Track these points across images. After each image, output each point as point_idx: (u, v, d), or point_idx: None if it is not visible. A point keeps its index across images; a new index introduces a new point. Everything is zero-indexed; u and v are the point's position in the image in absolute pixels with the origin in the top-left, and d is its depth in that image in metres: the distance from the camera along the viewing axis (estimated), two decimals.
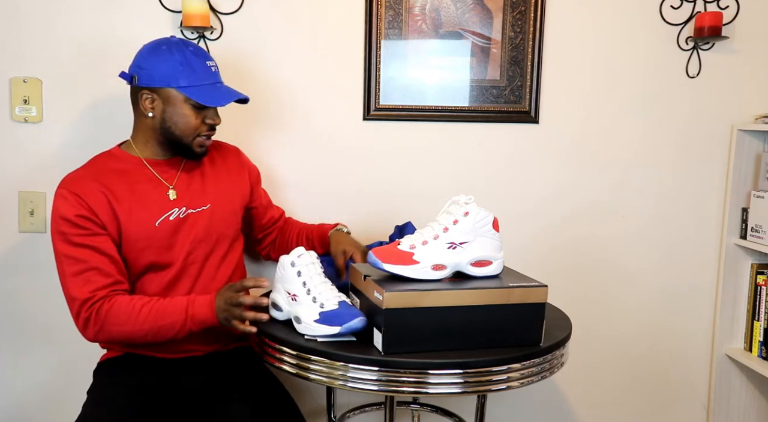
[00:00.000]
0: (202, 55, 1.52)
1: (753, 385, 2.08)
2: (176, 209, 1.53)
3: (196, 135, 1.51)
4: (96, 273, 1.41)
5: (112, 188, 1.47)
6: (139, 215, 1.48)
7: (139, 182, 1.51)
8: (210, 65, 1.52)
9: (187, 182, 1.57)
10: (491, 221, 1.37)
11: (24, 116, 1.86)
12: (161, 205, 1.51)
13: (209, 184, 1.60)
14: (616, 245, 2.03)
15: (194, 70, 1.48)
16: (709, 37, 1.89)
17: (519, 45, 1.92)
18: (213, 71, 1.52)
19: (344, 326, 1.28)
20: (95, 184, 1.46)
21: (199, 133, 1.51)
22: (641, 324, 2.07)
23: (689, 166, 2.02)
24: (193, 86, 1.47)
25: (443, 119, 1.94)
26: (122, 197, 1.47)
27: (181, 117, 1.48)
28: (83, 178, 1.47)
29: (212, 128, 1.53)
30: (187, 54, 1.48)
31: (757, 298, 1.99)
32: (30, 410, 1.97)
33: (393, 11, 1.89)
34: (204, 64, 1.50)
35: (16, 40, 1.84)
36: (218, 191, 1.60)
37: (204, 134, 1.52)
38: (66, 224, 1.41)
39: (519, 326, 1.32)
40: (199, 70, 1.49)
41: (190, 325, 1.41)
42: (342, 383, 1.26)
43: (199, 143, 1.52)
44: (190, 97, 1.47)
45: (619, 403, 2.11)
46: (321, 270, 1.43)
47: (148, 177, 1.53)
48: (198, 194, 1.57)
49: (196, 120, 1.50)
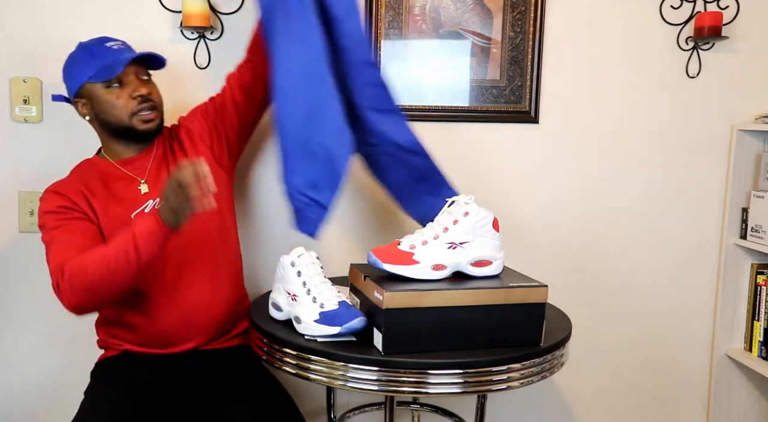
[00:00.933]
0: (101, 41, 1.53)
1: (753, 385, 2.08)
2: (151, 201, 1.53)
3: (132, 114, 1.51)
4: (69, 246, 1.40)
5: (90, 186, 1.52)
6: (114, 210, 1.50)
7: (113, 181, 1.54)
8: (110, 46, 1.51)
9: (157, 173, 1.57)
10: (491, 221, 1.37)
11: (24, 116, 1.86)
12: (134, 199, 1.53)
13: (173, 166, 1.58)
14: (615, 244, 2.03)
15: (93, 56, 1.50)
16: (709, 37, 1.89)
17: (519, 45, 1.92)
18: (115, 49, 1.51)
19: (344, 326, 1.28)
20: (75, 184, 1.52)
21: (133, 111, 1.51)
22: (641, 324, 2.07)
23: (689, 166, 2.01)
24: (99, 72, 1.48)
25: (443, 119, 1.94)
26: (99, 194, 1.51)
27: (107, 104, 1.50)
28: (64, 181, 1.55)
29: (145, 99, 1.51)
30: (86, 48, 1.52)
31: (757, 298, 1.99)
32: (29, 409, 1.98)
33: (393, 11, 1.89)
34: (102, 47, 1.51)
35: (16, 40, 1.84)
36: None
37: (138, 110, 1.51)
38: (48, 215, 1.46)
39: (519, 326, 1.32)
40: (98, 54, 1.49)
41: (139, 241, 1.31)
42: (342, 383, 1.26)
43: (139, 119, 1.51)
44: (95, 81, 1.48)
45: (619, 403, 2.11)
46: (321, 270, 1.43)
47: (120, 176, 1.55)
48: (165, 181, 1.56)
49: (120, 99, 1.49)
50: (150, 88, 1.54)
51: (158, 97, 1.57)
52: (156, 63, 1.57)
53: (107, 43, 1.52)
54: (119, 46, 1.53)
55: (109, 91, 1.49)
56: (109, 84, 1.49)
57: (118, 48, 1.51)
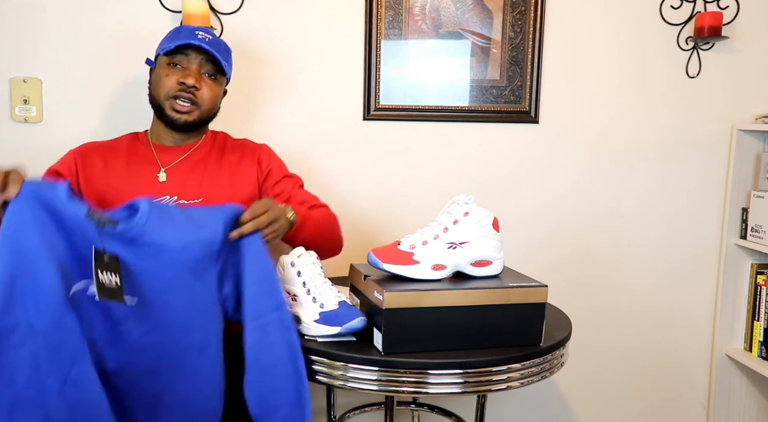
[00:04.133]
0: (198, 28, 1.54)
1: (753, 385, 2.08)
2: (167, 197, 1.53)
3: (170, 96, 1.51)
4: None
5: (109, 161, 1.54)
6: (126, 187, 1.51)
7: (138, 162, 1.56)
8: (198, 33, 1.51)
9: (185, 170, 1.57)
10: (491, 221, 1.37)
11: (24, 116, 1.86)
12: (150, 185, 1.53)
13: (208, 179, 1.58)
14: (615, 244, 2.03)
15: (179, 33, 1.52)
16: (709, 37, 1.89)
17: (519, 45, 1.92)
18: (198, 37, 1.50)
19: (344, 326, 1.28)
20: (98, 155, 1.55)
21: (172, 94, 1.51)
22: (641, 324, 2.07)
23: (689, 166, 2.02)
24: (170, 45, 1.50)
25: (443, 119, 1.94)
26: (114, 169, 1.53)
27: (158, 77, 1.53)
28: (93, 147, 1.59)
29: (187, 89, 1.50)
30: (181, 28, 1.55)
31: (757, 298, 1.99)
32: None
33: (393, 11, 1.89)
34: (192, 33, 1.51)
35: (16, 40, 1.84)
36: (213, 188, 1.57)
37: (176, 95, 1.51)
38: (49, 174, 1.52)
39: (519, 326, 1.32)
40: (183, 34, 1.51)
41: None
42: (342, 383, 1.26)
43: (172, 104, 1.51)
44: (161, 53, 1.51)
45: (619, 403, 2.11)
46: (321, 270, 1.43)
47: (147, 158, 1.57)
48: (193, 185, 1.55)
49: (169, 79, 1.50)
50: (203, 85, 1.53)
51: (207, 98, 1.54)
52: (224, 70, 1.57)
53: (197, 31, 1.53)
54: (205, 36, 1.52)
55: (167, 68, 1.51)
56: (170, 61, 1.51)
57: (201, 37, 1.51)
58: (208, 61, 1.53)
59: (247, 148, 1.65)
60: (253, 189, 1.61)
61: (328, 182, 1.95)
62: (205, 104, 1.54)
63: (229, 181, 1.59)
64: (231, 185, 1.59)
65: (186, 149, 1.59)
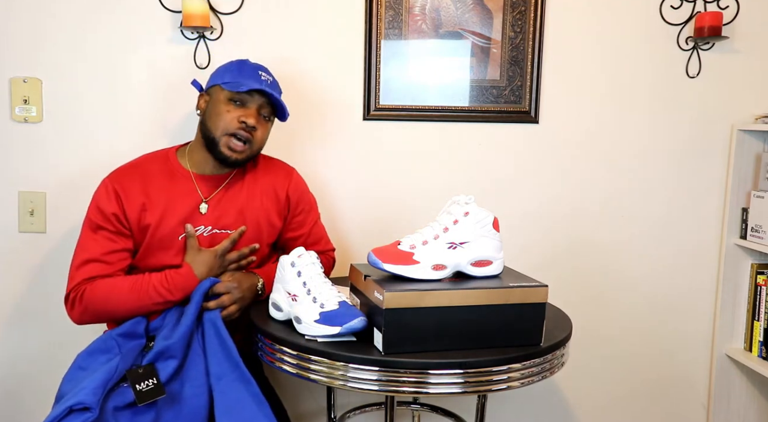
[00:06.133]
0: (258, 67, 1.57)
1: (753, 385, 2.08)
2: (202, 227, 1.55)
3: (227, 133, 1.52)
4: (100, 265, 1.48)
5: (151, 193, 1.53)
6: (169, 221, 1.53)
7: (180, 196, 1.56)
8: (261, 73, 1.55)
9: (224, 202, 1.58)
10: (491, 221, 1.37)
11: (24, 116, 1.86)
12: (190, 217, 1.55)
13: (241, 210, 1.59)
14: (616, 245, 2.03)
15: (242, 71, 1.54)
16: (709, 37, 1.89)
17: (519, 45, 1.92)
18: (261, 79, 1.54)
19: (344, 326, 1.28)
20: (138, 185, 1.53)
21: (230, 131, 1.51)
22: (641, 324, 2.07)
23: (689, 166, 2.02)
24: (233, 81, 1.52)
25: (443, 119, 1.94)
26: (157, 205, 1.53)
27: (217, 110, 1.53)
28: (130, 176, 1.55)
29: (246, 129, 1.52)
30: (244, 64, 1.57)
31: (757, 298, 1.99)
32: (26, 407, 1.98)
33: (393, 11, 1.89)
34: (255, 71, 1.55)
35: (16, 40, 1.84)
36: (247, 214, 1.60)
37: (234, 133, 1.52)
38: (99, 215, 1.51)
39: (519, 326, 1.32)
40: (246, 72, 1.54)
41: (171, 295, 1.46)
42: (342, 383, 1.26)
43: (227, 142, 1.52)
44: (225, 87, 1.52)
45: (618, 403, 2.11)
46: (321, 270, 1.43)
47: (188, 190, 1.56)
48: (228, 212, 1.58)
49: (229, 114, 1.51)
50: (260, 126, 1.55)
51: (260, 138, 1.56)
52: (282, 113, 1.59)
53: (261, 71, 1.56)
54: (267, 78, 1.56)
55: (227, 103, 1.52)
56: (233, 97, 1.52)
57: (264, 79, 1.55)
58: (269, 104, 1.56)
59: (279, 176, 1.67)
60: (278, 221, 1.66)
61: (328, 182, 1.95)
62: (257, 144, 1.57)
63: (258, 213, 1.62)
64: (259, 218, 1.62)
65: (224, 177, 1.60)
